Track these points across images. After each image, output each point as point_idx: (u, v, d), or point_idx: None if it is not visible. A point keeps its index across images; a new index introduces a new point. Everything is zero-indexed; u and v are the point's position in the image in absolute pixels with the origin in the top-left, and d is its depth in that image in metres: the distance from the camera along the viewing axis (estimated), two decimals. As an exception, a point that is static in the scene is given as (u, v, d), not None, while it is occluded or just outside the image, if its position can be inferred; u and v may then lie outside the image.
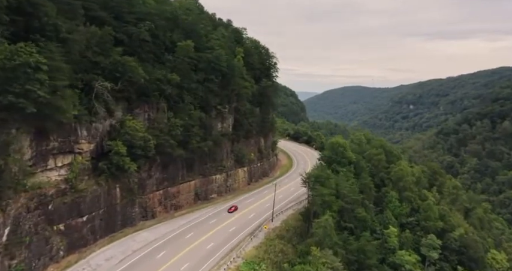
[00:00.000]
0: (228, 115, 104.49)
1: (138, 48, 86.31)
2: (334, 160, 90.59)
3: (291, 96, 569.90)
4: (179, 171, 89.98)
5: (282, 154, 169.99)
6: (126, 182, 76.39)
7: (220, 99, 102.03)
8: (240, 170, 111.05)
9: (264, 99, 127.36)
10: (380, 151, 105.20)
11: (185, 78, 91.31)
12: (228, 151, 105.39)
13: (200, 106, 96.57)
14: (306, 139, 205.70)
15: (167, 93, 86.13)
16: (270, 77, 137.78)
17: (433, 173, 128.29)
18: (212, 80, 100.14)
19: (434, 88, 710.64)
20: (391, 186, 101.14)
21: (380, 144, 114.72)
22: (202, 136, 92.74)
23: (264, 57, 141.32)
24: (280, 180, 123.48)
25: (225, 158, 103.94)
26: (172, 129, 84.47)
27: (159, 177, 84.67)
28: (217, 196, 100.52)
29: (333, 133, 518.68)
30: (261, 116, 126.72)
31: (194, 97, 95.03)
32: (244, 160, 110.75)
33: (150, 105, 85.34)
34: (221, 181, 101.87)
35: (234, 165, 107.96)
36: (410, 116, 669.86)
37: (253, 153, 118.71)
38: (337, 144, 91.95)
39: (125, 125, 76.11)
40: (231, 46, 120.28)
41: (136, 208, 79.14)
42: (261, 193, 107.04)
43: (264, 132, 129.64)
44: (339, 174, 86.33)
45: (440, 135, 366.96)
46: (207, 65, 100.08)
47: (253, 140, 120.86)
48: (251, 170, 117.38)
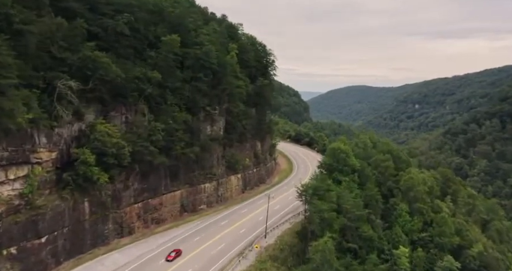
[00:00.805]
0: (219, 117, 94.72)
1: (114, 43, 76.95)
2: (335, 168, 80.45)
3: (294, 96, 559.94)
4: (162, 180, 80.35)
5: (281, 158, 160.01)
6: (97, 195, 66.80)
7: (210, 99, 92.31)
8: (233, 177, 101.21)
9: (260, 100, 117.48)
10: (387, 157, 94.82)
11: (168, 77, 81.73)
12: (219, 157, 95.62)
13: (187, 107, 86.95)
14: (308, 141, 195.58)
15: (147, 93, 76.58)
16: (268, 75, 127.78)
17: (446, 180, 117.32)
18: (200, 79, 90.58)
19: (439, 87, 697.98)
20: (401, 196, 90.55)
21: (387, 148, 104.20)
22: (188, 142, 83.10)
23: (261, 54, 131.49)
24: (278, 188, 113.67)
25: (216, 165, 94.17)
26: (152, 133, 74.84)
27: (138, 188, 75.06)
28: (206, 207, 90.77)
29: (337, 133, 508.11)
30: (257, 117, 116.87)
31: (180, 97, 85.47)
32: (237, 166, 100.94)
33: (128, 107, 75.83)
34: (211, 190, 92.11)
35: (225, 172, 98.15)
36: (415, 115, 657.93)
37: (248, 158, 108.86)
38: (338, 150, 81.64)
39: (95, 129, 66.56)
40: (223, 42, 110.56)
41: (109, 224, 69.52)
42: (255, 203, 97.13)
43: (261, 135, 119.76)
44: (341, 185, 76.37)
45: (448, 135, 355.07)
46: (195, 62, 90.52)
47: (249, 144, 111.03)
48: (246, 177, 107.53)
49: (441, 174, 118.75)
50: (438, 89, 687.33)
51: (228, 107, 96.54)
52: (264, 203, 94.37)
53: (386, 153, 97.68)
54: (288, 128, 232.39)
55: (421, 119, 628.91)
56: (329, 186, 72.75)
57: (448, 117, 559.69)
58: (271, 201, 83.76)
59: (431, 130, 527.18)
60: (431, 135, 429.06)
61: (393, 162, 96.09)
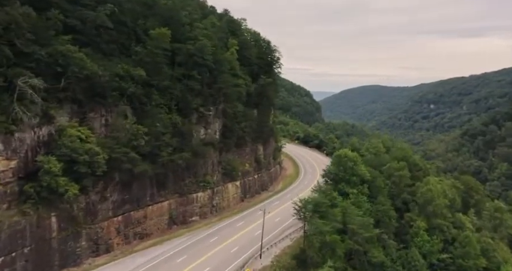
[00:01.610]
0: (214, 119, 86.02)
1: (96, 37, 69.05)
2: (341, 178, 70.80)
3: (305, 96, 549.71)
4: (147, 190, 71.92)
5: (287, 162, 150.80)
6: (67, 209, 58.59)
7: (204, 99, 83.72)
8: (230, 185, 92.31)
9: (262, 100, 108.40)
10: (402, 165, 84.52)
11: (155, 74, 73.38)
12: (214, 163, 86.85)
13: (177, 108, 78.56)
14: (317, 143, 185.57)
15: (129, 92, 68.29)
16: (272, 73, 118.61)
17: (468, 189, 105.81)
18: (193, 77, 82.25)
19: (456, 86, 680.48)
20: (417, 211, 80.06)
21: (402, 154, 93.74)
22: (178, 147, 74.59)
23: (265, 51, 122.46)
24: (281, 196, 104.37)
25: (210, 172, 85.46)
26: (134, 138, 66.35)
27: (118, 200, 66.69)
28: (199, 218, 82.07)
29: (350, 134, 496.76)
30: (259, 119, 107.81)
31: (170, 97, 77.14)
32: (235, 173, 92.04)
33: (108, 108, 67.63)
34: (204, 200, 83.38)
35: (222, 179, 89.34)
36: (431, 115, 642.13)
37: (248, 164, 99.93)
38: (345, 158, 71.91)
39: (65, 133, 58.37)
40: (222, 37, 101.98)
41: (82, 241, 61.19)
42: (254, 213, 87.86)
43: (263, 138, 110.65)
44: (348, 198, 66.75)
45: (466, 137, 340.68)
46: (188, 58, 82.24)
47: (249, 148, 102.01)
48: (245, 184, 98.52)
49: (463, 183, 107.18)
50: (454, 88, 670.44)
51: (224, 108, 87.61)
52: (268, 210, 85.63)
53: (401, 160, 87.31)
54: (297, 129, 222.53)
55: (437, 120, 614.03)
56: (334, 199, 63.31)
57: (465, 118, 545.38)
58: (270, 214, 74.72)
59: (448, 131, 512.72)
60: (447, 136, 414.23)
61: (409, 170, 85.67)
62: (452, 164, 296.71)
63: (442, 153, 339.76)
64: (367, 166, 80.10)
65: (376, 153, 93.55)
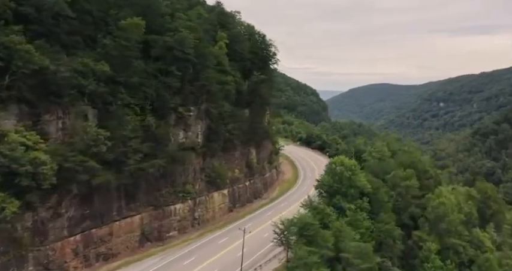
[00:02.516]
0: (196, 120, 76.26)
1: (54, 27, 59.77)
2: (337, 190, 60.32)
3: (311, 95, 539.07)
4: (113, 203, 62.39)
5: (286, 165, 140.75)
6: (8, 229, 49.25)
7: (184, 98, 74.05)
8: (216, 194, 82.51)
9: (255, 98, 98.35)
10: (410, 174, 73.78)
11: (123, 70, 63.83)
12: (197, 170, 77.09)
13: (153, 109, 69.02)
14: (320, 144, 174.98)
15: (89, 90, 58.84)
16: (267, 70, 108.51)
17: (486, 199, 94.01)
18: (172, 73, 72.66)
19: (466, 84, 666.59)
20: (428, 228, 69.17)
21: (410, 159, 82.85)
22: (150, 153, 65.01)
23: (259, 45, 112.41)
24: (274, 205, 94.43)
25: (191, 180, 75.73)
26: (93, 144, 56.79)
27: (76, 216, 57.20)
28: (178, 234, 72.36)
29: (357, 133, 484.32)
30: (251, 119, 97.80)
31: (143, 96, 67.61)
32: (221, 180, 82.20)
33: (65, 109, 58.29)
34: (184, 212, 73.65)
35: (206, 188, 79.58)
36: (440, 114, 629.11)
37: (237, 170, 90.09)
38: (341, 166, 61.32)
39: (5, 140, 49.05)
40: (209, 30, 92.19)
41: (29, 267, 51.78)
42: (243, 226, 77.94)
43: (256, 141, 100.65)
44: (344, 216, 56.32)
45: (477, 136, 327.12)
46: (166, 52, 72.67)
47: (238, 152, 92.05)
48: (234, 193, 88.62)
49: (479, 191, 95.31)
50: (464, 86, 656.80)
51: (207, 108, 77.76)
52: (254, 227, 75.86)
53: (408, 167, 76.58)
54: (300, 129, 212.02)
55: (447, 118, 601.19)
56: (328, 217, 53.02)
57: (475, 116, 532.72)
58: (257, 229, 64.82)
59: (458, 130, 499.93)
60: (458, 135, 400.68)
61: (417, 178, 74.97)
62: (464, 165, 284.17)
63: (452, 153, 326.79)
64: (369, 174, 69.76)
65: (381, 157, 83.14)
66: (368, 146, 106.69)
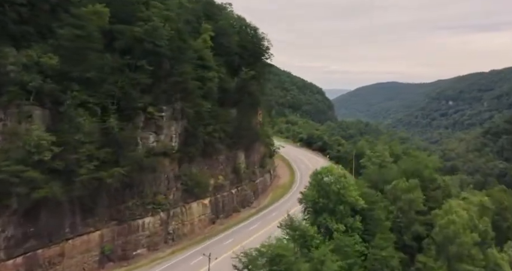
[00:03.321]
0: (169, 122, 67.23)
1: (-1, 15, 51.47)
2: (323, 207, 50.38)
3: (317, 93, 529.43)
4: (65, 218, 53.58)
5: (283, 168, 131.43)
6: None
7: (155, 96, 65.09)
8: (195, 205, 73.44)
9: (243, 97, 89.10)
10: (413, 185, 63.26)
11: (77, 64, 55.01)
12: (171, 178, 68.04)
13: (118, 109, 60.22)
14: (321, 145, 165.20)
15: (34, 87, 50.22)
16: (257, 65, 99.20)
17: (502, 210, 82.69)
18: (142, 68, 63.91)
19: (475, 82, 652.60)
20: (434, 251, 58.25)
21: (414, 166, 72.38)
22: (110, 160, 56.24)
23: (251, 39, 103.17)
24: (265, 214, 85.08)
25: (164, 189, 66.74)
26: (36, 150, 48.07)
27: (16, 235, 48.43)
28: (147, 251, 63.39)
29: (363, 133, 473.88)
30: (239, 120, 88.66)
31: (105, 94, 58.79)
32: (202, 188, 73.10)
33: (6, 109, 49.76)
34: (155, 226, 64.65)
35: (182, 198, 70.53)
36: (449, 112, 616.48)
37: (221, 176, 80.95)
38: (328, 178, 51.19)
39: None
40: (191, 20, 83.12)
41: (-49, 299, 43.37)
42: (225, 240, 69.12)
43: (245, 144, 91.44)
44: (332, 238, 46.59)
45: (488, 136, 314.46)
46: (136, 44, 63.93)
47: (223, 157, 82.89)
48: (217, 202, 79.46)
49: (494, 201, 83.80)
50: (474, 84, 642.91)
51: (183, 108, 68.62)
52: (236, 241, 66.86)
53: (412, 175, 66.28)
54: (302, 129, 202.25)
55: (456, 117, 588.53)
56: (310, 241, 43.44)
57: (486, 115, 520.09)
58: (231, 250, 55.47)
59: (468, 129, 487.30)
60: (468, 134, 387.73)
61: (423, 189, 64.55)
62: (474, 166, 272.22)
63: (462, 153, 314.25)
64: (368, 183, 60.05)
65: (381, 163, 73.33)
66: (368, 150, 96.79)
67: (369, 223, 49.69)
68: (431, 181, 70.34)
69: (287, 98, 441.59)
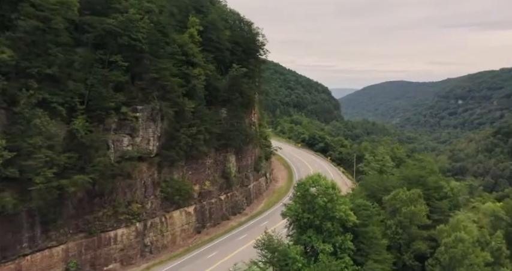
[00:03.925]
0: (146, 123, 61.13)
1: None
2: (309, 223, 43.30)
3: (322, 92, 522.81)
4: (21, 232, 47.61)
5: (282, 171, 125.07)
6: None
7: (129, 95, 59.09)
8: (177, 214, 67.28)
9: (233, 95, 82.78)
10: (416, 195, 55.96)
11: (36, 59, 49.20)
12: (148, 184, 61.92)
13: (87, 109, 54.32)
14: (323, 146, 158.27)
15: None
16: (250, 62, 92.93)
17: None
18: (115, 63, 58.18)
19: (486, 80, 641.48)
20: None
21: (418, 173, 64.81)
22: (76, 166, 50.36)
23: (245, 34, 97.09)
24: (256, 223, 78.66)
25: (141, 197, 60.65)
26: (-19, 157, 42.29)
27: (-39, 252, 42.85)
28: (120, 266, 57.41)
29: (370, 133, 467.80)
30: (230, 120, 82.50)
31: (71, 93, 52.87)
32: (184, 196, 66.90)
33: (-48, 110, 44.13)
34: (129, 238, 58.62)
35: (162, 206, 64.42)
36: (459, 111, 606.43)
37: (208, 182, 74.70)
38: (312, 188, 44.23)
39: None
40: (175, 13, 77.20)
41: None
42: (208, 253, 62.95)
43: (236, 146, 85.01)
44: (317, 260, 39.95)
45: (499, 135, 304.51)
46: (109, 37, 58.11)
47: (211, 160, 76.62)
48: (203, 210, 73.22)
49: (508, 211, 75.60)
50: (484, 82, 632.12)
51: (161, 108, 62.42)
52: (222, 254, 60.73)
53: (415, 183, 59.02)
54: (304, 129, 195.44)
55: (466, 116, 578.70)
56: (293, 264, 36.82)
57: (496, 114, 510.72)
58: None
59: (477, 128, 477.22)
60: (478, 134, 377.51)
61: (426, 198, 57.30)
62: (484, 167, 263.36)
63: (472, 153, 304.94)
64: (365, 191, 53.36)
65: (381, 168, 66.18)
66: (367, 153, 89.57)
67: (362, 241, 42.87)
68: (436, 190, 62.67)
69: (292, 97, 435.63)
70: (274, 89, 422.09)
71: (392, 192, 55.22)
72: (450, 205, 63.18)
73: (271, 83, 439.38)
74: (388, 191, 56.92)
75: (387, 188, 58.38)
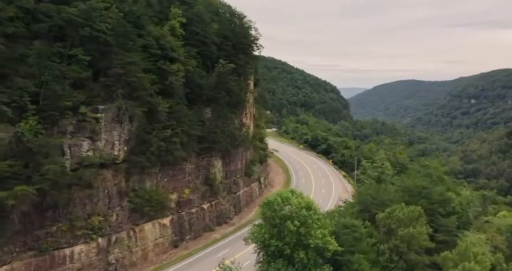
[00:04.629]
0: (110, 125, 54.04)
1: None
2: (278, 252, 35.09)
3: (331, 92, 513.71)
4: (-49, 253, 41.02)
5: (280, 175, 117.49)
6: None
7: (90, 93, 52.08)
8: (149, 226, 60.06)
9: (219, 94, 75.39)
10: (417, 213, 46.35)
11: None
12: (113, 194, 54.81)
13: (39, 109, 47.44)
14: (325, 148, 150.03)
15: None
16: (240, 58, 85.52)
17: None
18: (75, 57, 51.39)
19: (499, 79, 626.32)
20: None
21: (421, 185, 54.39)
22: (18, 175, 43.47)
23: (236, 28, 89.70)
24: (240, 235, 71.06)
25: (104, 209, 53.56)
26: None
27: None
28: (78, 288, 50.43)
29: (379, 133, 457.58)
30: (215, 121, 75.10)
31: (19, 91, 46.09)
32: (156, 206, 59.68)
33: None
34: (89, 256, 51.54)
35: (131, 218, 57.29)
36: (471, 111, 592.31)
37: (187, 190, 67.37)
38: (286, 207, 35.80)
39: None
40: (151, 2, 69.92)
41: None
42: None
43: (224, 149, 77.61)
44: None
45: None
46: (69, 28, 51.32)
47: (192, 166, 69.24)
48: (181, 221, 65.90)
49: None
50: (498, 81, 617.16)
51: (126, 108, 55.22)
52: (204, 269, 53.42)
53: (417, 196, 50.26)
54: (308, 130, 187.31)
55: (478, 115, 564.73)
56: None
57: (510, 113, 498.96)
58: None
59: (491, 128, 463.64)
60: (491, 134, 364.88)
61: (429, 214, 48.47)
62: (498, 169, 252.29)
63: (485, 154, 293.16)
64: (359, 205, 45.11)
65: (380, 177, 57.64)
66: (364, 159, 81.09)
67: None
68: (442, 204, 53.19)
69: (299, 96, 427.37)
70: (281, 88, 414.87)
71: (387, 209, 46.58)
72: (459, 223, 53.86)
73: (278, 82, 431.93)
74: (385, 205, 48.31)
75: (384, 202, 49.71)
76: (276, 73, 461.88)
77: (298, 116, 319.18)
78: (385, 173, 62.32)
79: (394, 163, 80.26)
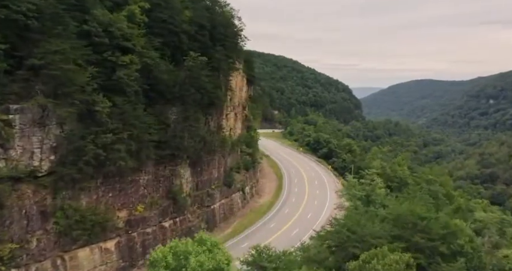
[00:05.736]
0: (30, 129, 43.45)
1: None
2: None
3: (342, 91, 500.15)
4: None
5: (271, 182, 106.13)
6: None
7: (2, 90, 41.70)
8: (87, 251, 49.27)
9: (187, 91, 64.43)
10: (401, 264, 32.27)
11: None
12: (34, 214, 44.19)
13: None
14: (326, 152, 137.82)
15: None
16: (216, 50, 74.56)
17: None
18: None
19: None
20: None
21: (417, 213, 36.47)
22: None
23: (216, 16, 78.80)
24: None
25: (20, 233, 43.01)
26: None
27: None
28: None
29: (392, 134, 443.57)
30: (181, 124, 64.13)
31: None
32: (94, 228, 48.90)
33: None
34: (-5, 294, 41.14)
35: (58, 244, 46.57)
36: (490, 112, 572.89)
37: (142, 206, 56.52)
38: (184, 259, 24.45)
39: None
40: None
41: None
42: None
43: (193, 157, 66.61)
44: None
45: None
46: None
47: (149, 177, 58.38)
48: (132, 243, 54.94)
49: None
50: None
51: (50, 108, 44.56)
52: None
53: (411, 229, 36.30)
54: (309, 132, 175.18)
55: (497, 116, 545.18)
56: None
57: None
58: None
59: (510, 129, 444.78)
60: (510, 136, 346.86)
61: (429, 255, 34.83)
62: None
63: (503, 158, 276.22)
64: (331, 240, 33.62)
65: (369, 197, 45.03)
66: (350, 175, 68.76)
67: None
68: (446, 239, 39.16)
69: (309, 95, 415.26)
70: (290, 87, 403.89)
71: (362, 255, 33.47)
72: (468, 268, 39.56)
73: (287, 81, 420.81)
74: (367, 243, 35.16)
75: (364, 238, 36.62)
76: (286, 72, 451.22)
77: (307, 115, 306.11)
78: (374, 193, 50.25)
79: (391, 177, 67.76)
